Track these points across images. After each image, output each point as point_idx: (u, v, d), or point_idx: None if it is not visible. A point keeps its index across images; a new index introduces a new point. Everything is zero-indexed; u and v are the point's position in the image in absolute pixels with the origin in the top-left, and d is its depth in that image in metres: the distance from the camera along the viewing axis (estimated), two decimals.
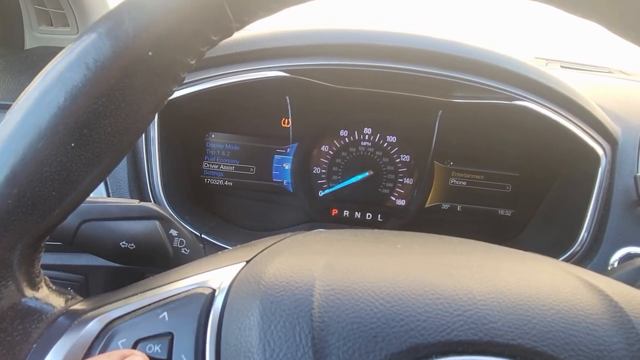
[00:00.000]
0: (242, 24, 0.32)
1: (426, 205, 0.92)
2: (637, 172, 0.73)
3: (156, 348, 0.28)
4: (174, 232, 0.47)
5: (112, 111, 0.27)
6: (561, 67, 1.09)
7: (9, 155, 0.25)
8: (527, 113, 0.72)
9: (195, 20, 0.30)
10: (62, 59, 0.27)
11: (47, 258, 0.71)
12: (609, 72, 1.09)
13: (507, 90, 0.71)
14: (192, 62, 0.31)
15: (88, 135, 0.27)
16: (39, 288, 0.29)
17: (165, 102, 0.32)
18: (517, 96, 0.71)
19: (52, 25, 1.00)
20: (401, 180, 0.92)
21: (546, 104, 0.71)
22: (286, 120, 0.90)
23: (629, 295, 0.31)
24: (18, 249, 0.27)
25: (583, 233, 0.73)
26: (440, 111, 0.82)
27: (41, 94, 0.26)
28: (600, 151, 0.73)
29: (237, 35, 0.78)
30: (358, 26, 0.73)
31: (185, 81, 0.73)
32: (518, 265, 0.34)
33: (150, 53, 0.28)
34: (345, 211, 0.93)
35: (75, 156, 0.27)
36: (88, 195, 0.30)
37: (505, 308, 0.28)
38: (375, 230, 0.42)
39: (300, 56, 0.72)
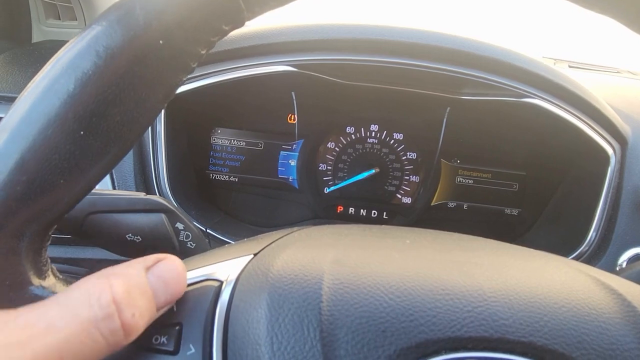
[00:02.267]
0: (253, 14, 0.32)
1: (432, 204, 0.91)
2: None
3: (162, 339, 0.28)
4: (180, 226, 0.47)
5: (121, 100, 0.27)
6: (569, 66, 1.08)
7: (19, 141, 0.25)
8: (536, 111, 0.71)
9: (206, 10, 0.29)
10: (73, 47, 0.27)
11: (53, 251, 0.71)
12: (617, 72, 1.08)
13: (516, 88, 0.71)
14: (203, 51, 0.31)
15: (97, 124, 0.27)
16: (45, 277, 0.29)
17: (175, 92, 0.31)
18: (526, 93, 0.71)
19: (59, 19, 1.00)
20: (407, 178, 0.91)
21: (556, 102, 0.71)
22: (292, 116, 0.90)
23: None
24: (26, 237, 0.27)
25: (591, 233, 0.73)
26: (449, 108, 0.82)
27: (51, 81, 0.26)
28: (610, 150, 0.72)
29: (244, 29, 0.77)
30: (366, 21, 0.73)
31: (191, 75, 0.72)
32: (529, 263, 0.34)
33: (160, 42, 0.28)
34: (350, 208, 0.92)
35: (84, 144, 0.27)
36: (96, 184, 0.29)
37: (517, 305, 0.28)
38: (384, 225, 0.42)
39: (308, 51, 0.72)
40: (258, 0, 0.31)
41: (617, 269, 0.69)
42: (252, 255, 0.33)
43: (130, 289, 0.26)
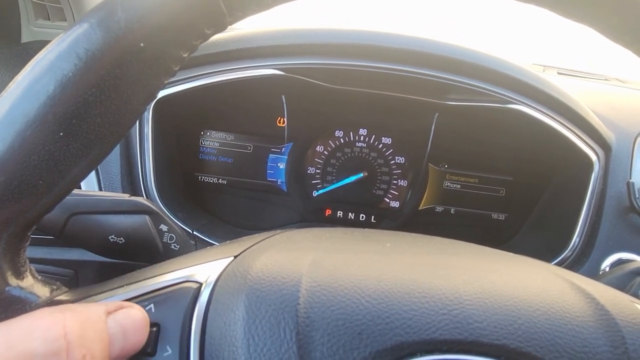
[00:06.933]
0: (235, 19, 0.32)
1: (420, 208, 0.92)
2: (630, 179, 0.73)
3: None
4: (164, 227, 0.47)
5: (102, 102, 0.27)
6: (558, 73, 1.09)
7: None
8: (521, 117, 0.72)
9: (188, 14, 0.29)
10: (53, 48, 0.27)
11: (37, 252, 0.70)
12: (606, 79, 1.09)
13: (501, 94, 0.71)
14: (185, 55, 0.31)
15: (77, 125, 0.27)
16: (23, 277, 0.29)
17: (157, 95, 0.31)
18: (511, 100, 0.71)
19: (49, 20, 1.00)
20: (395, 182, 0.92)
21: (540, 108, 0.72)
22: (282, 119, 0.90)
23: (616, 298, 0.31)
24: (4, 237, 0.27)
25: (575, 238, 0.74)
26: (437, 114, 0.82)
27: (31, 83, 0.26)
28: (593, 157, 0.73)
29: (234, 32, 0.77)
30: (355, 26, 0.73)
31: (181, 77, 0.73)
32: (506, 267, 0.34)
33: (142, 44, 0.28)
34: (338, 212, 0.93)
35: (64, 146, 0.27)
36: (76, 185, 0.29)
37: (492, 308, 0.28)
38: (366, 229, 0.42)
39: (297, 55, 0.72)
40: (240, 5, 0.31)
41: (600, 273, 0.70)
42: (232, 258, 0.33)
43: (85, 328, 0.24)
